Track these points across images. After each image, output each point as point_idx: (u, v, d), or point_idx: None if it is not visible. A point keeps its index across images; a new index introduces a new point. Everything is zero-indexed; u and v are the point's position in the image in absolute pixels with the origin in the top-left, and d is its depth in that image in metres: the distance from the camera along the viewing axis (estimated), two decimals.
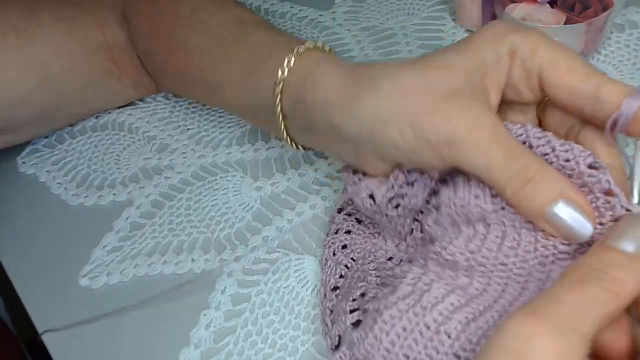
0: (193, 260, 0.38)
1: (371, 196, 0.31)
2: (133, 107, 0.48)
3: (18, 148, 0.46)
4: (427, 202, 0.31)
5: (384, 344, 0.26)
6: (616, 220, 0.24)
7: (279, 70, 0.32)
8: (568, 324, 0.19)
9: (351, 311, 0.29)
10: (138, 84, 0.46)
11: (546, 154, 0.26)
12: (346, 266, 0.34)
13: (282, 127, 0.34)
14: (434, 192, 0.31)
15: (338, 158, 0.35)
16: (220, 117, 0.47)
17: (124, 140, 0.46)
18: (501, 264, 0.26)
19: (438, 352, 0.25)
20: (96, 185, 0.44)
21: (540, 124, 0.30)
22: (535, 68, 0.27)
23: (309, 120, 0.31)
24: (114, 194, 0.43)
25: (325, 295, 0.33)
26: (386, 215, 0.32)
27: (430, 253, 0.28)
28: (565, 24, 0.41)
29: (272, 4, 0.55)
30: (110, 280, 0.38)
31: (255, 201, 0.41)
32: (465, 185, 0.27)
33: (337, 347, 0.30)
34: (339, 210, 0.37)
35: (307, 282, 0.36)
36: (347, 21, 0.53)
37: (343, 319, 0.30)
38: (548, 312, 0.20)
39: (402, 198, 0.31)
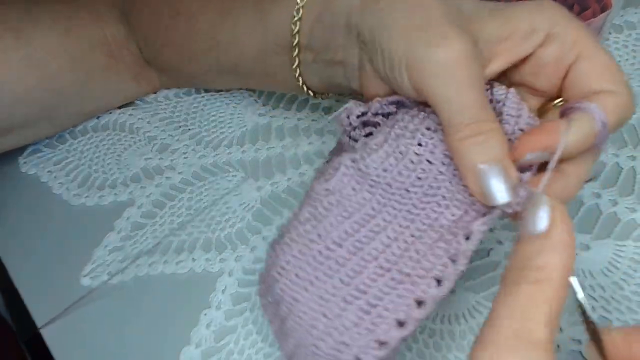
0: (194, 260, 0.38)
1: (348, 117, 0.32)
2: (134, 107, 0.48)
3: (19, 148, 0.47)
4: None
5: (280, 262, 0.28)
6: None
7: None
8: (523, 338, 0.19)
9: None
10: (138, 78, 0.46)
11: (500, 113, 0.27)
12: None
13: (296, 63, 0.34)
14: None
15: (344, 84, 0.35)
16: (221, 117, 0.47)
17: (125, 141, 0.47)
18: (405, 190, 0.28)
19: (325, 275, 0.27)
20: (97, 186, 0.44)
21: None
22: (570, 59, 0.26)
23: (326, 38, 0.32)
24: (115, 194, 0.43)
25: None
26: (355, 140, 0.32)
27: (347, 160, 0.29)
28: None
29: None
30: (111, 280, 0.38)
31: (256, 201, 0.41)
32: (431, 115, 0.28)
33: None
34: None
35: None
36: None
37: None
38: (500, 336, 0.19)
39: (375, 127, 0.31)
